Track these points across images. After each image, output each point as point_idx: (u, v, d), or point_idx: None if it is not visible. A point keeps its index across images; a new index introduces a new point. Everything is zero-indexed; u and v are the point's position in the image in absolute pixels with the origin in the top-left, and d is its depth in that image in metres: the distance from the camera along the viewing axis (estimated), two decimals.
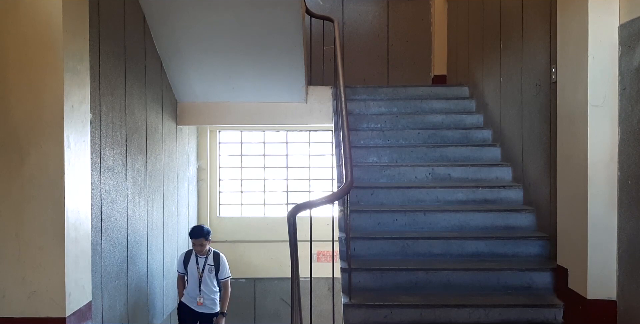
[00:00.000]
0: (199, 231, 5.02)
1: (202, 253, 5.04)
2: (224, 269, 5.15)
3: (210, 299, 5.09)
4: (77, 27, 3.23)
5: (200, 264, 5.06)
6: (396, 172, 4.48)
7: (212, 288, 5.10)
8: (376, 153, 4.77)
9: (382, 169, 4.49)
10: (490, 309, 3.28)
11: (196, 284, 5.04)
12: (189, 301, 5.08)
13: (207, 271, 5.06)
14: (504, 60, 4.63)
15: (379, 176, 4.48)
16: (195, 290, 5.04)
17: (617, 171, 2.99)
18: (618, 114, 2.97)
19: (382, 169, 4.49)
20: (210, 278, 5.07)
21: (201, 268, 5.04)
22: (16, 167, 3.10)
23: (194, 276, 5.05)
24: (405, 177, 4.48)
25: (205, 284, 5.05)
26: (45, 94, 3.07)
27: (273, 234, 7.18)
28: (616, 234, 2.99)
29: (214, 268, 5.08)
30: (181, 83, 5.43)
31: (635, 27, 2.83)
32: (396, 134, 4.98)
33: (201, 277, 5.03)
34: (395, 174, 4.48)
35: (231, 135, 7.62)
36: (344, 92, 4.29)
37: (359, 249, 3.75)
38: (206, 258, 5.09)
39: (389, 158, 4.75)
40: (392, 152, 4.76)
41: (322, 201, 2.88)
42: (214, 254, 5.14)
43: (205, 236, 5.00)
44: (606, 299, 3.00)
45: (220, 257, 5.16)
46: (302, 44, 4.91)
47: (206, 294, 5.05)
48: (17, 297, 3.10)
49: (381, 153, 4.76)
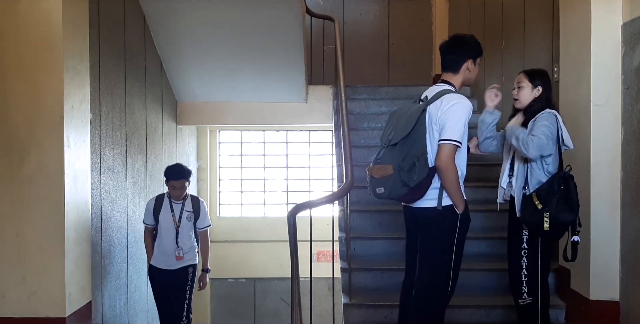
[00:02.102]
0: (180, 170, 4.05)
1: (180, 197, 4.09)
2: (204, 217, 4.19)
3: (189, 251, 4.15)
4: (77, 27, 3.22)
5: (177, 212, 4.05)
6: None
7: (189, 239, 4.15)
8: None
9: None
10: (492, 309, 3.28)
11: (172, 238, 4.03)
12: (163, 262, 4.07)
13: (185, 220, 4.07)
14: (505, 59, 4.61)
15: None
16: (170, 245, 4.04)
17: (620, 171, 2.97)
18: (621, 114, 2.96)
19: None
20: (189, 227, 4.11)
21: (177, 216, 4.05)
22: (16, 167, 3.09)
23: (169, 227, 4.04)
24: None
25: (183, 237, 4.07)
26: (45, 94, 3.07)
27: (273, 234, 7.16)
28: (619, 235, 2.98)
29: (193, 215, 4.12)
30: (181, 83, 5.42)
31: (638, 26, 2.82)
32: None
33: (178, 227, 4.03)
34: None
35: (231, 135, 7.61)
36: (344, 92, 4.27)
37: (359, 249, 3.74)
38: (183, 204, 4.09)
39: None
40: None
41: (322, 201, 2.87)
42: (192, 198, 4.17)
43: (187, 177, 4.04)
44: (609, 300, 2.99)
45: (200, 201, 4.20)
46: (302, 43, 4.90)
47: (184, 246, 4.09)
48: (17, 297, 3.09)
49: None
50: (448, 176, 2.43)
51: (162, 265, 4.07)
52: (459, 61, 2.59)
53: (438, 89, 2.57)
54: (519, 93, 2.77)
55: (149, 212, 4.10)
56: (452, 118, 2.44)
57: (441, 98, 2.49)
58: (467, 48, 2.60)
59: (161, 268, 4.08)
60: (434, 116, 2.48)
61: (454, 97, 2.49)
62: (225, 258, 7.26)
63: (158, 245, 4.08)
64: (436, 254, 2.56)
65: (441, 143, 2.44)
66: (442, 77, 2.64)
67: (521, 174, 2.71)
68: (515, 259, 2.75)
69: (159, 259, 4.09)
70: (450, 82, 2.60)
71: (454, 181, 2.46)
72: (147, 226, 4.15)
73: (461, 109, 2.45)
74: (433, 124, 2.48)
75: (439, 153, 2.44)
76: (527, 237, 2.71)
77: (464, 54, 2.59)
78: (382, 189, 2.52)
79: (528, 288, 2.71)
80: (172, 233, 4.04)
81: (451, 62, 2.61)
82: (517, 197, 2.73)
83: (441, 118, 2.45)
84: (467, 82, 2.67)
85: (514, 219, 2.79)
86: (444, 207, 2.51)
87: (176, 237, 4.03)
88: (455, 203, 2.52)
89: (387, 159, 2.53)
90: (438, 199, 2.51)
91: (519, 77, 2.79)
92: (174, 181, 3.99)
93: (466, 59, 2.58)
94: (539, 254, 2.70)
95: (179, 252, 4.03)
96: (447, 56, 2.62)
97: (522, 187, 2.70)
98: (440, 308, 2.60)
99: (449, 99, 2.48)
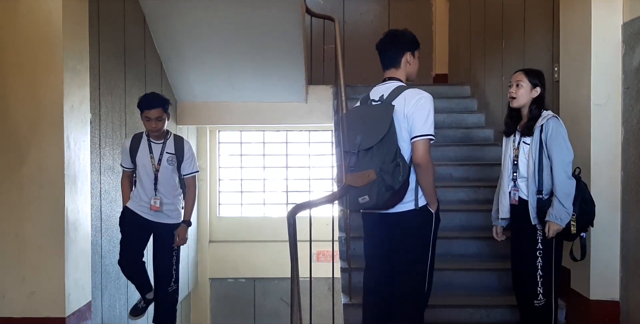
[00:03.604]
0: (154, 97, 3.44)
1: (158, 134, 3.43)
2: (189, 161, 3.55)
3: (170, 203, 3.50)
4: (77, 27, 3.22)
5: (156, 153, 3.46)
6: None
7: (173, 188, 3.50)
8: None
9: None
10: (492, 309, 3.27)
11: (150, 183, 3.44)
12: (138, 207, 3.49)
13: (165, 163, 3.47)
14: (505, 59, 4.61)
15: None
16: (148, 191, 3.45)
17: (620, 171, 2.97)
18: (621, 113, 2.95)
19: None
20: (170, 172, 3.48)
21: (157, 159, 3.46)
22: (16, 167, 3.08)
23: (147, 170, 3.45)
24: None
25: (164, 183, 3.46)
26: (45, 94, 3.07)
27: (273, 234, 7.17)
28: (619, 235, 2.97)
29: (175, 158, 3.48)
30: (181, 83, 5.42)
31: (638, 26, 2.82)
32: None
33: (157, 172, 3.44)
34: None
35: (231, 135, 7.61)
36: (344, 92, 4.26)
37: (359, 249, 3.73)
38: (163, 144, 3.48)
39: None
40: None
41: (322, 201, 2.86)
42: (175, 138, 3.54)
43: (163, 106, 3.37)
44: (609, 300, 2.99)
45: (184, 142, 3.56)
46: (302, 43, 4.90)
47: (164, 197, 3.46)
48: (17, 297, 3.09)
49: None
50: (428, 173, 2.40)
51: (136, 209, 3.50)
52: (398, 56, 2.57)
53: (392, 87, 2.53)
54: (517, 92, 2.76)
55: (126, 154, 3.51)
56: (422, 113, 2.40)
57: (402, 95, 2.46)
58: (403, 42, 2.59)
59: (135, 211, 3.50)
60: (399, 114, 2.43)
61: (415, 92, 2.46)
62: (225, 258, 7.27)
63: (135, 190, 3.53)
64: (415, 256, 2.51)
65: (417, 139, 2.39)
66: (386, 75, 2.61)
67: (533, 180, 2.70)
68: (530, 260, 2.72)
69: (135, 203, 3.52)
70: (397, 78, 2.58)
71: (432, 178, 2.42)
72: (125, 170, 3.57)
73: (428, 103, 2.43)
74: (401, 122, 2.43)
75: (416, 150, 2.39)
76: (541, 238, 2.69)
77: (400, 48, 2.57)
78: (367, 197, 2.39)
79: (543, 289, 2.70)
80: (150, 178, 3.44)
81: (390, 59, 2.59)
82: (531, 204, 2.70)
83: (409, 115, 2.41)
84: (411, 76, 2.64)
85: (522, 221, 2.76)
86: (420, 207, 2.48)
87: (155, 184, 3.44)
88: (431, 202, 2.49)
89: (364, 165, 2.42)
90: (415, 200, 2.46)
91: (518, 76, 2.79)
92: (148, 110, 3.34)
93: (404, 52, 2.57)
94: (553, 255, 2.70)
95: (155, 201, 3.43)
96: (385, 53, 2.60)
97: (535, 192, 2.69)
98: (423, 308, 2.59)
99: (411, 95, 2.44)
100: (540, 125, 2.67)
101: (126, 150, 3.50)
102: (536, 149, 2.67)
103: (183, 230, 3.55)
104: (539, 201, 2.68)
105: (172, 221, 3.51)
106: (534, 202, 2.69)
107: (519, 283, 2.84)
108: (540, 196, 2.68)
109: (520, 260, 2.83)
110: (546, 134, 2.64)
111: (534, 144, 2.68)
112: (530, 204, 2.70)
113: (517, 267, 2.86)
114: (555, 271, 2.71)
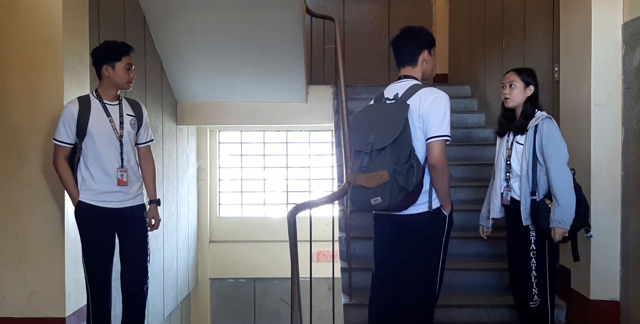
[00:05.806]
0: (125, 42, 2.95)
1: (115, 94, 2.87)
2: (147, 127, 3.03)
3: (136, 179, 2.93)
4: (77, 27, 3.22)
5: (115, 116, 2.82)
6: None
7: (135, 159, 2.96)
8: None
9: None
10: (492, 309, 3.27)
11: (115, 152, 2.80)
12: (96, 197, 2.79)
13: (129, 127, 2.87)
14: (506, 58, 4.61)
15: None
16: (113, 162, 2.79)
17: (620, 171, 2.97)
18: (622, 113, 2.95)
19: None
20: (132, 138, 2.90)
21: (117, 122, 2.82)
22: (16, 167, 3.08)
23: (109, 137, 2.79)
24: None
25: (129, 152, 2.88)
26: (45, 94, 3.07)
27: (273, 234, 7.16)
28: (619, 234, 2.97)
29: (136, 121, 2.92)
30: (181, 83, 5.42)
31: (638, 26, 2.82)
32: None
33: (121, 137, 2.82)
34: None
35: (231, 135, 7.61)
36: (344, 92, 4.27)
37: (359, 249, 3.74)
38: (120, 106, 2.87)
39: None
40: None
41: (322, 201, 2.86)
42: (128, 99, 2.98)
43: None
44: (609, 299, 2.99)
45: (140, 104, 3.02)
46: (302, 43, 4.90)
47: (131, 169, 2.88)
48: (17, 297, 3.09)
49: None
50: (443, 175, 2.34)
51: (101, 199, 2.80)
52: (415, 53, 2.50)
53: (407, 85, 2.45)
54: (511, 92, 2.76)
55: (71, 122, 2.74)
56: (438, 113, 2.33)
57: (417, 93, 2.38)
58: (421, 39, 2.52)
59: (99, 205, 2.80)
60: (414, 113, 2.36)
61: (431, 91, 2.39)
62: (225, 258, 7.27)
63: (87, 177, 2.78)
64: (427, 259, 2.47)
65: (433, 140, 2.32)
66: (402, 72, 2.53)
67: (526, 180, 2.69)
68: (524, 261, 2.72)
69: (94, 191, 2.78)
70: (413, 76, 2.51)
71: (447, 180, 2.37)
72: (61, 147, 2.78)
73: (444, 103, 2.36)
74: (415, 121, 2.36)
75: (432, 151, 2.32)
76: (535, 238, 2.69)
77: (418, 45, 2.51)
78: (379, 199, 2.30)
79: (538, 290, 2.70)
80: (115, 146, 2.80)
81: (407, 56, 2.52)
82: (524, 204, 2.69)
83: (424, 114, 2.35)
84: (426, 74, 2.57)
85: (516, 222, 2.76)
86: (434, 210, 2.42)
87: (121, 152, 2.81)
88: (445, 204, 2.43)
89: (377, 166, 2.34)
90: (429, 202, 2.41)
91: (510, 76, 2.79)
92: (128, 56, 2.85)
93: (422, 50, 2.51)
94: (546, 256, 2.70)
95: (122, 174, 2.79)
96: (402, 50, 2.53)
97: (529, 193, 2.68)
98: (433, 310, 2.57)
99: (427, 94, 2.37)
100: (534, 125, 2.68)
101: (73, 117, 2.74)
102: (530, 149, 2.67)
103: (155, 211, 3.06)
104: (532, 202, 2.67)
105: (139, 202, 2.92)
106: (527, 203, 2.69)
107: (515, 284, 2.85)
108: (534, 197, 2.67)
109: (514, 261, 2.83)
110: (541, 135, 2.64)
111: (528, 144, 2.68)
112: (523, 204, 2.70)
113: (512, 268, 2.87)
114: (550, 271, 2.71)
